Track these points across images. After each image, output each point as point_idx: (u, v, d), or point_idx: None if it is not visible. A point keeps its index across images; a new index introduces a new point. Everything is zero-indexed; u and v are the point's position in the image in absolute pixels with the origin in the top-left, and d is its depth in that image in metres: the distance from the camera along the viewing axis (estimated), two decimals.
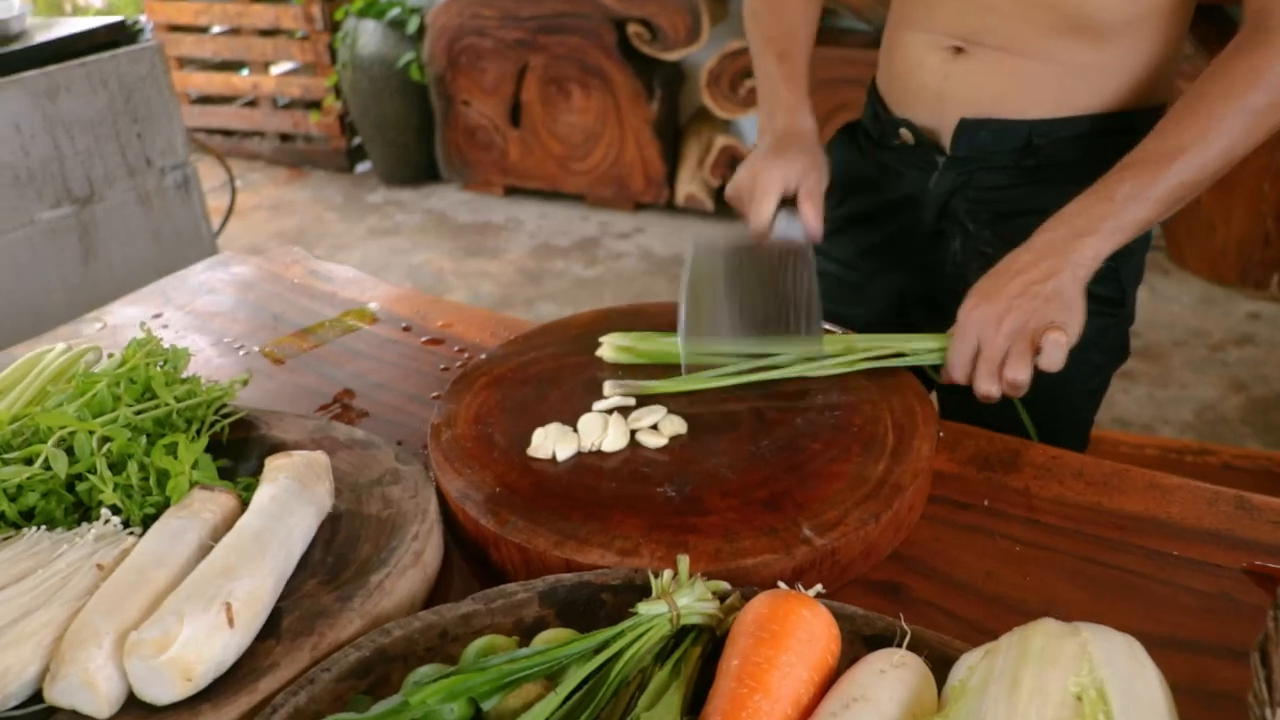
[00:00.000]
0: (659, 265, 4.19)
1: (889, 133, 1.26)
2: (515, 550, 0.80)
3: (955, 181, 1.20)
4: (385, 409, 1.08)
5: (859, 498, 0.83)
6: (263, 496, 0.78)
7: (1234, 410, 3.07)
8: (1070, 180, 1.14)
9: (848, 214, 1.35)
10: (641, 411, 0.94)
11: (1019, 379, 0.94)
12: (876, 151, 1.30)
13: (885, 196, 1.29)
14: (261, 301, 1.32)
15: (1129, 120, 1.13)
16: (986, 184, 1.19)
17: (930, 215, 1.24)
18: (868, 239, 1.33)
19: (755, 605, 0.67)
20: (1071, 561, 0.85)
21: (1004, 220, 1.19)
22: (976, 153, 1.17)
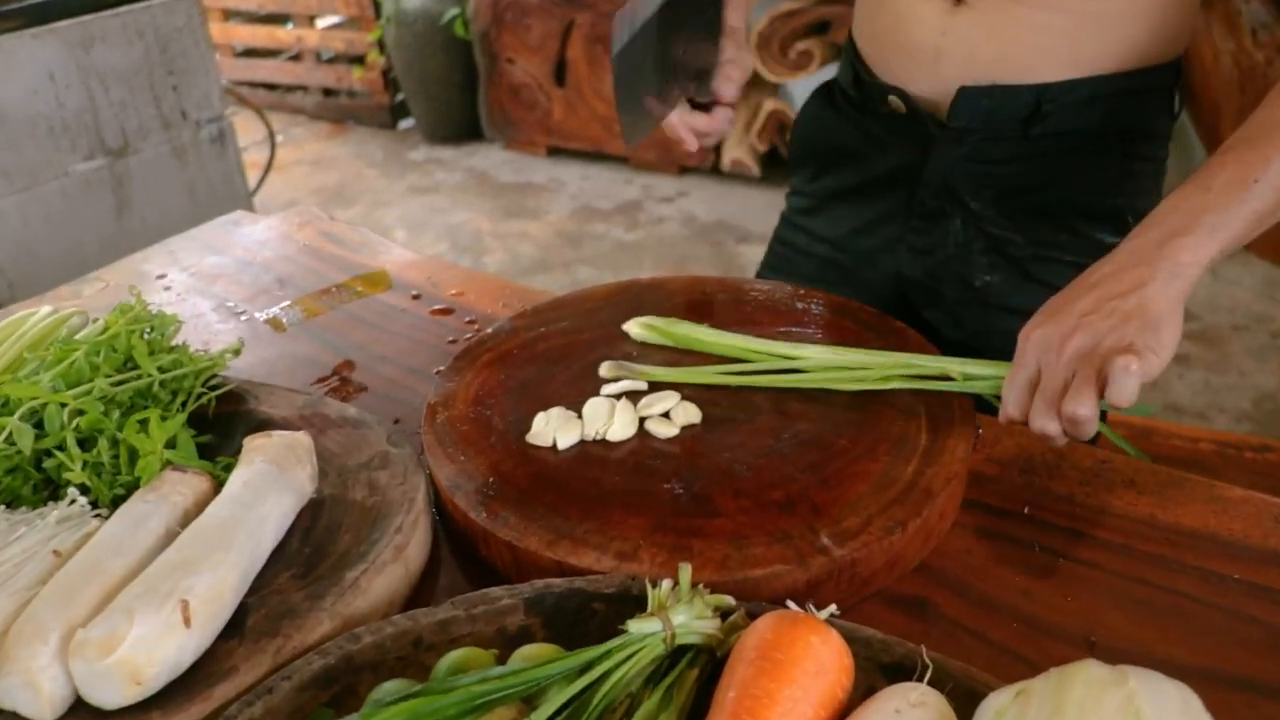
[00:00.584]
0: (702, 231, 4.10)
1: (873, 99, 1.14)
2: (505, 548, 0.74)
3: (954, 154, 1.08)
4: (385, 383, 1.02)
5: (884, 502, 0.76)
6: (236, 481, 0.73)
7: None
8: (1084, 151, 1.06)
9: (831, 188, 1.24)
10: (653, 397, 0.87)
11: (1078, 413, 0.76)
12: (861, 118, 1.18)
13: (873, 170, 1.18)
14: (269, 264, 1.26)
15: (1146, 79, 1.04)
16: (990, 156, 1.08)
17: (927, 192, 1.12)
18: (856, 217, 1.21)
19: (759, 628, 0.60)
20: (1118, 582, 0.77)
21: (1011, 197, 1.09)
22: (978, 122, 1.06)
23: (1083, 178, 1.07)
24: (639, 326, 0.97)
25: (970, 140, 1.07)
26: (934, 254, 1.14)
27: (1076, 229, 1.09)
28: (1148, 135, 1.09)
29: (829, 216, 1.25)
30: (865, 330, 0.98)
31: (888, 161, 1.15)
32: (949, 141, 1.08)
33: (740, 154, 4.29)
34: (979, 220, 1.10)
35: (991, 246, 1.11)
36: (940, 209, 1.12)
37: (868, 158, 1.18)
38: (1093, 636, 0.72)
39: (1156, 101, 1.08)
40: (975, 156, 1.08)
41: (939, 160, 1.10)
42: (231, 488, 0.72)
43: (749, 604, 0.66)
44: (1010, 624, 0.74)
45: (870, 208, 1.20)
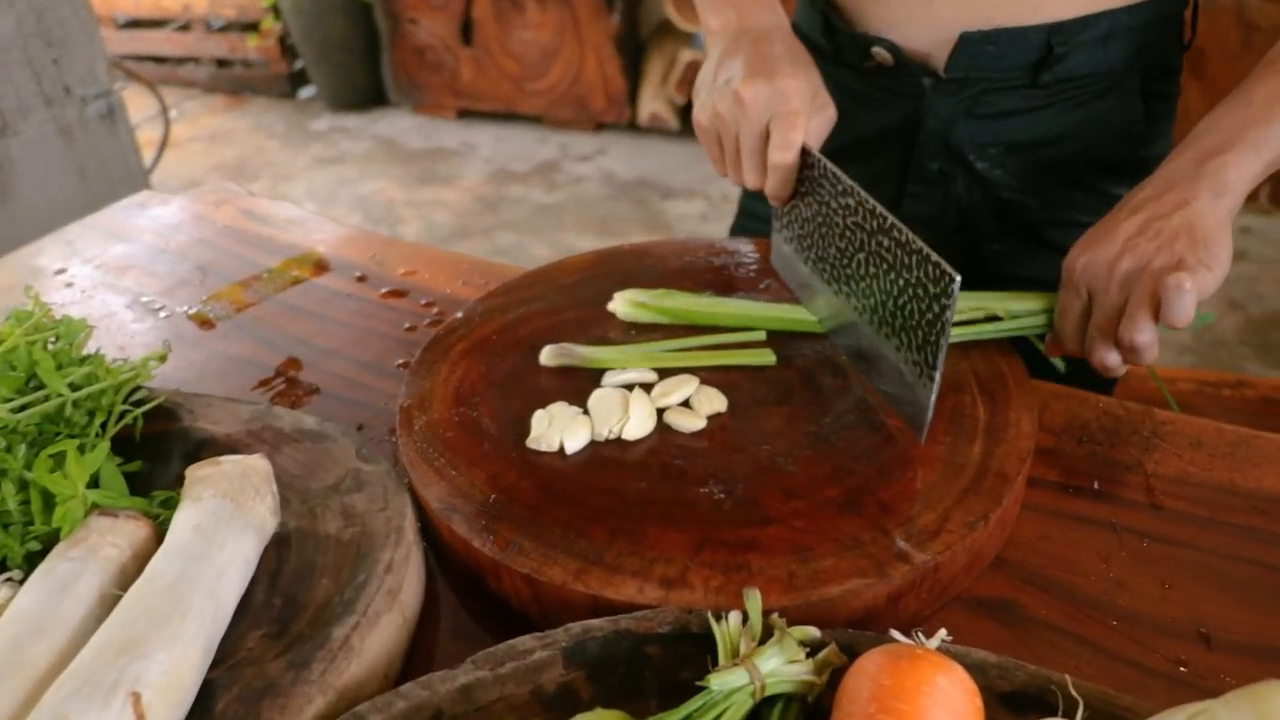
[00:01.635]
0: (623, 189, 3.97)
1: (851, 51, 1.00)
2: (522, 582, 0.61)
3: (953, 109, 0.97)
4: (339, 382, 0.88)
5: (957, 493, 0.65)
6: (182, 526, 0.58)
7: (1232, 331, 2.94)
8: (1101, 96, 0.95)
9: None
10: (668, 384, 0.75)
11: (1137, 339, 0.72)
12: (835, 71, 1.01)
13: (856, 131, 1.02)
14: (186, 250, 1.10)
15: (1161, 7, 0.94)
16: (995, 109, 0.96)
17: (924, 154, 1.00)
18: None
19: (868, 670, 0.49)
20: (1214, 561, 0.68)
21: (1021, 152, 0.98)
22: (981, 71, 0.94)
23: (1100, 127, 0.97)
24: (626, 304, 0.84)
25: (971, 92, 0.95)
26: (935, 223, 1.02)
27: (1094, 186, 0.99)
28: (1163, 70, 0.99)
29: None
30: None
31: (874, 121, 1.02)
32: (947, 95, 0.96)
33: (657, 107, 4.15)
34: (985, 183, 0.99)
35: (1000, 211, 1.00)
36: (940, 172, 1.00)
37: (849, 117, 1.02)
38: (1202, 628, 0.63)
39: (1171, 31, 0.98)
40: (978, 110, 0.96)
41: (936, 117, 0.97)
42: (178, 534, 0.58)
43: (837, 633, 0.54)
44: (1109, 621, 0.64)
45: (856, 174, 1.06)
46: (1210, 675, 0.60)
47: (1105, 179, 0.99)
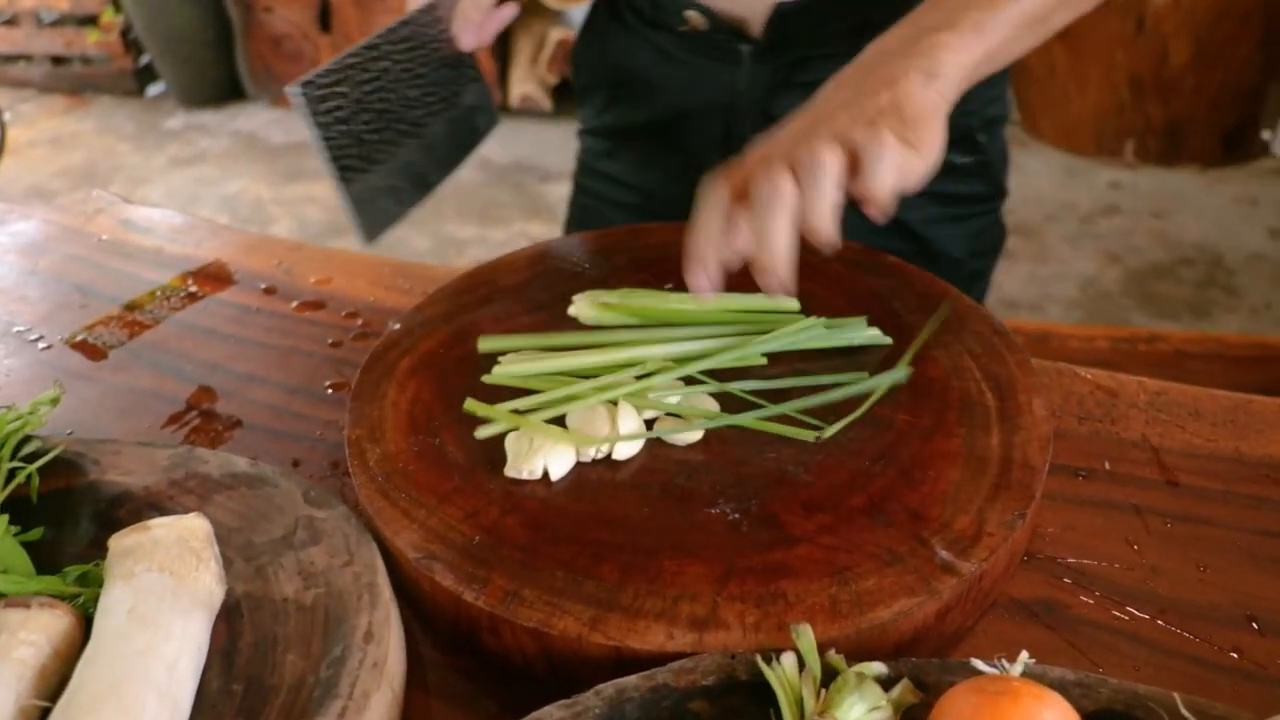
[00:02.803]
0: (500, 174, 3.86)
1: (667, 12, 0.94)
2: (528, 636, 0.52)
3: (772, 79, 0.91)
4: (264, 412, 0.77)
5: (986, 489, 0.60)
6: (114, 612, 0.48)
7: (1114, 283, 3.03)
8: None
9: (629, 123, 1.05)
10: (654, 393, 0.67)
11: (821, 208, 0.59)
12: (654, 34, 0.97)
13: (677, 101, 0.98)
14: (60, 270, 0.96)
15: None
16: (815, 78, 0.85)
17: (745, 126, 0.93)
18: (666, 159, 1.03)
19: (961, 712, 0.43)
20: (1242, 538, 0.64)
21: None
22: (798, 40, 0.89)
23: None
24: (590, 307, 0.76)
25: (789, 60, 0.90)
26: None
27: None
28: None
29: (632, 159, 1.06)
30: (857, 272, 0.81)
31: (692, 89, 0.96)
32: (764, 64, 0.90)
33: (529, 89, 4.06)
34: None
35: None
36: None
37: (669, 85, 0.98)
38: (1248, 611, 0.59)
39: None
40: (794, 79, 0.91)
41: (754, 86, 0.92)
42: (111, 623, 0.48)
43: (903, 664, 0.48)
44: (1154, 613, 0.59)
45: (680, 147, 1.00)
46: (1269, 662, 0.56)
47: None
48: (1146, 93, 3.49)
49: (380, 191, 0.77)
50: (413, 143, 0.80)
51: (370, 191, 0.76)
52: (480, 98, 0.89)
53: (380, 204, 0.78)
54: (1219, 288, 2.93)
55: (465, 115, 0.87)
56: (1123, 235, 3.28)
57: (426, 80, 0.80)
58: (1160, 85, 3.44)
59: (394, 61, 0.76)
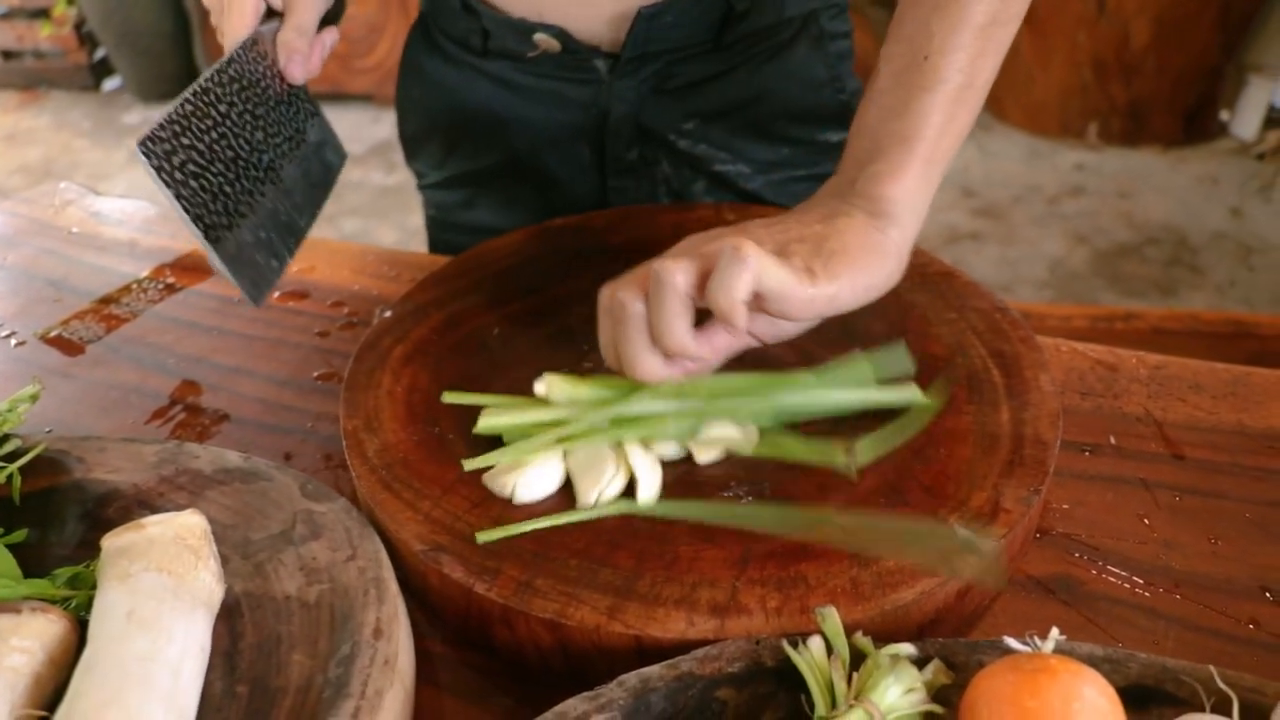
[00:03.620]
0: None
1: (505, 38, 0.88)
2: (543, 628, 0.51)
3: (638, 90, 0.88)
4: (252, 405, 0.75)
5: (1000, 466, 0.59)
6: (112, 615, 0.46)
7: (1083, 264, 3.05)
8: (787, 45, 0.90)
9: (476, 168, 0.97)
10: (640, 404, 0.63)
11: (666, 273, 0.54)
12: (486, 64, 0.91)
13: (528, 132, 0.92)
14: (31, 264, 0.93)
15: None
16: (683, 81, 0.88)
17: (618, 144, 0.90)
18: (531, 198, 0.96)
19: (1000, 691, 0.42)
20: (1252, 509, 0.64)
21: (720, 120, 0.90)
22: (659, 45, 0.85)
23: (795, 77, 0.91)
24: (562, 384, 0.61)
25: (654, 67, 0.87)
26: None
27: (803, 138, 0.94)
28: (840, 9, 0.94)
29: (495, 203, 0.98)
30: None
31: (550, 117, 0.91)
32: (627, 76, 0.87)
33: None
34: (690, 159, 0.92)
35: (715, 183, 0.94)
36: (641, 158, 0.91)
37: (518, 117, 0.92)
38: (1262, 582, 0.59)
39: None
40: (666, 86, 0.88)
41: (621, 101, 0.88)
42: (109, 627, 0.46)
43: (930, 644, 0.47)
44: (1170, 586, 0.59)
45: (550, 180, 0.95)
46: None
47: (812, 128, 0.94)
48: (1109, 74, 3.52)
49: (253, 246, 0.69)
50: (270, 189, 0.72)
51: (243, 248, 0.67)
52: (324, 133, 0.83)
53: (257, 259, 0.69)
54: (1184, 266, 2.96)
55: (314, 152, 0.81)
56: (1089, 216, 3.30)
57: (267, 120, 0.73)
58: (1122, 66, 3.47)
59: (229, 105, 0.68)
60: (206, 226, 0.62)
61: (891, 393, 0.63)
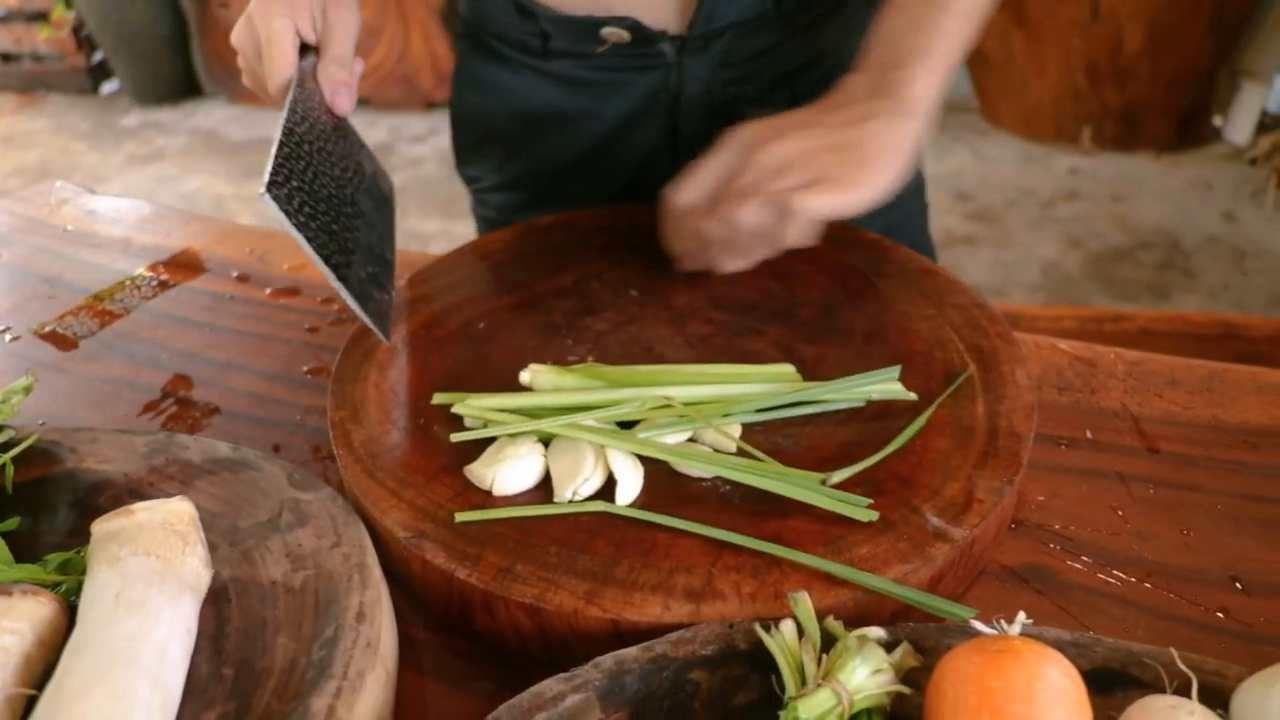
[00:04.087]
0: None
1: (567, 37, 0.88)
2: (523, 612, 0.52)
3: (708, 66, 0.88)
4: (242, 399, 0.76)
5: (975, 457, 0.60)
6: (101, 597, 0.47)
7: (1077, 267, 3.06)
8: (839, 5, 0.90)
9: (543, 168, 0.97)
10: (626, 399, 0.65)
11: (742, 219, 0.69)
12: (548, 65, 0.91)
13: (600, 125, 0.93)
14: (26, 261, 0.94)
15: None
16: (750, 51, 0.88)
17: (691, 122, 0.91)
18: (603, 185, 0.97)
19: (964, 670, 0.43)
20: (1224, 501, 0.65)
21: (787, 84, 0.91)
22: (723, 20, 0.85)
23: (850, 32, 0.91)
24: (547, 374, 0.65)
25: (720, 43, 0.87)
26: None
27: None
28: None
29: (561, 202, 0.96)
30: (838, 248, 0.81)
31: (618, 108, 0.91)
32: (696, 53, 0.87)
33: None
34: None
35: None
36: (710, 134, 0.88)
37: (589, 112, 0.92)
38: (1232, 572, 0.60)
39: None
40: (731, 59, 0.88)
41: (692, 80, 0.89)
42: (97, 608, 0.47)
43: (901, 629, 0.48)
44: (1142, 576, 0.60)
45: (624, 164, 0.95)
46: (1254, 620, 0.57)
47: None
48: (1103, 79, 3.53)
49: (365, 281, 0.69)
50: (360, 223, 0.73)
51: (360, 284, 0.67)
52: (373, 163, 0.83)
53: (373, 294, 0.70)
54: (1177, 270, 2.97)
55: (373, 183, 0.81)
56: (1084, 220, 3.32)
57: (336, 154, 0.73)
58: (1116, 71, 3.48)
59: (310, 144, 0.69)
60: (335, 266, 0.63)
61: (876, 386, 0.64)
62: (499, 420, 0.60)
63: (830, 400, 0.63)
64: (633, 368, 0.65)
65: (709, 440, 0.61)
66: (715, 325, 0.72)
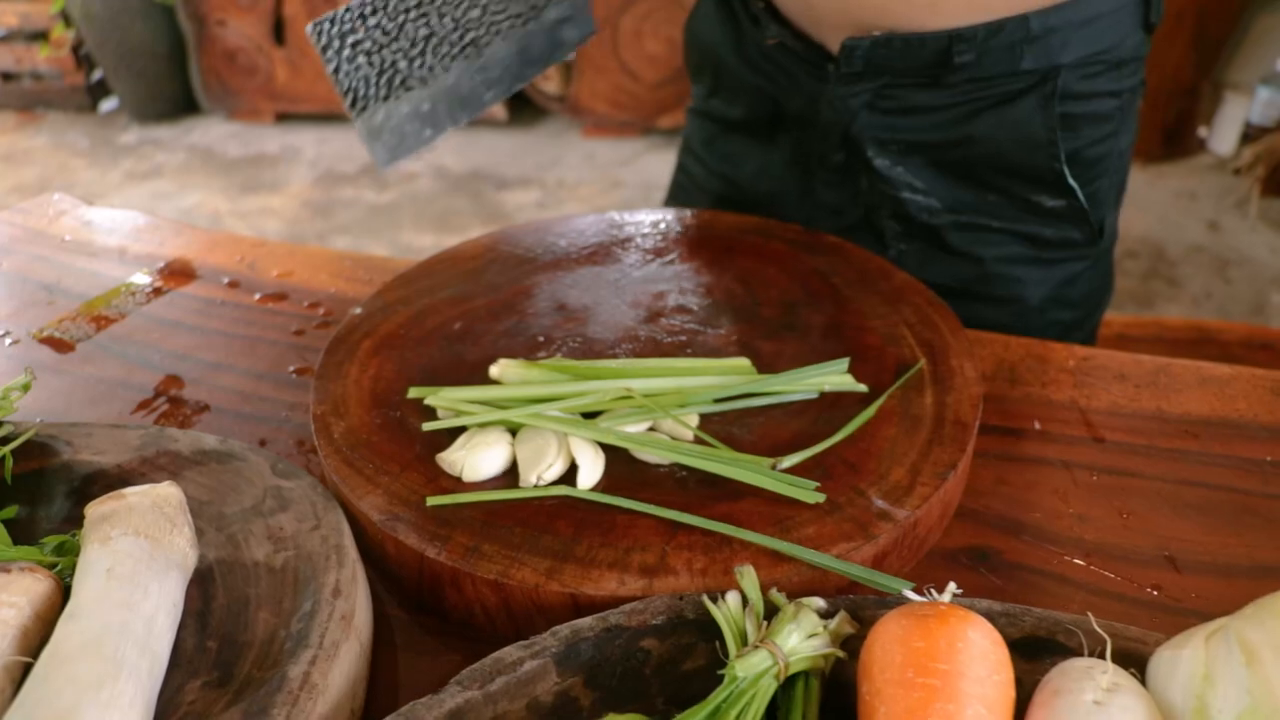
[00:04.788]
0: (457, 183, 3.89)
1: (761, 24, 0.93)
2: (488, 588, 0.55)
3: (855, 101, 0.89)
4: (231, 396, 0.79)
5: (921, 445, 0.63)
6: (93, 573, 0.50)
7: None
8: (1016, 97, 0.86)
9: (728, 116, 1.04)
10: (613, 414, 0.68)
11: None
12: (755, 31, 0.95)
13: (766, 103, 0.97)
14: (25, 270, 0.98)
15: (1093, 7, 0.84)
16: (899, 104, 0.88)
17: (827, 144, 0.93)
18: (760, 156, 1.02)
19: (893, 633, 0.46)
20: (1163, 487, 0.69)
21: (924, 151, 0.90)
22: (878, 67, 0.86)
23: (1012, 130, 0.87)
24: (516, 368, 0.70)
25: (873, 85, 0.88)
26: (843, 215, 0.96)
27: (1008, 190, 0.90)
28: (1111, 65, 0.87)
29: (727, 150, 1.05)
30: (799, 250, 0.85)
31: (784, 98, 0.95)
32: (847, 84, 0.88)
33: None
34: (885, 181, 0.92)
35: (899, 213, 0.93)
36: (846, 164, 0.93)
37: (765, 88, 0.97)
38: (1167, 552, 0.63)
39: (1121, 21, 0.86)
40: (881, 105, 0.89)
41: (834, 107, 0.90)
42: (90, 583, 0.50)
43: (842, 600, 0.51)
44: (1080, 556, 0.63)
45: (772, 148, 1.00)
46: (1184, 596, 0.60)
47: (1019, 184, 0.90)
48: None
49: (407, 117, 0.77)
50: (460, 64, 0.78)
51: (392, 118, 0.76)
52: (571, 8, 0.86)
53: (405, 129, 0.78)
54: (1161, 279, 3.01)
55: (547, 29, 0.84)
56: None
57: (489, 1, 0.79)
58: None
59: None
60: (356, 97, 0.69)
61: (826, 378, 0.67)
62: (469, 411, 0.63)
63: (783, 391, 0.66)
64: (596, 362, 0.68)
65: (667, 429, 0.64)
66: (679, 324, 0.76)
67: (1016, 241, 0.93)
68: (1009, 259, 0.94)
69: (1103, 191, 0.93)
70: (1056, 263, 0.94)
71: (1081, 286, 0.97)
